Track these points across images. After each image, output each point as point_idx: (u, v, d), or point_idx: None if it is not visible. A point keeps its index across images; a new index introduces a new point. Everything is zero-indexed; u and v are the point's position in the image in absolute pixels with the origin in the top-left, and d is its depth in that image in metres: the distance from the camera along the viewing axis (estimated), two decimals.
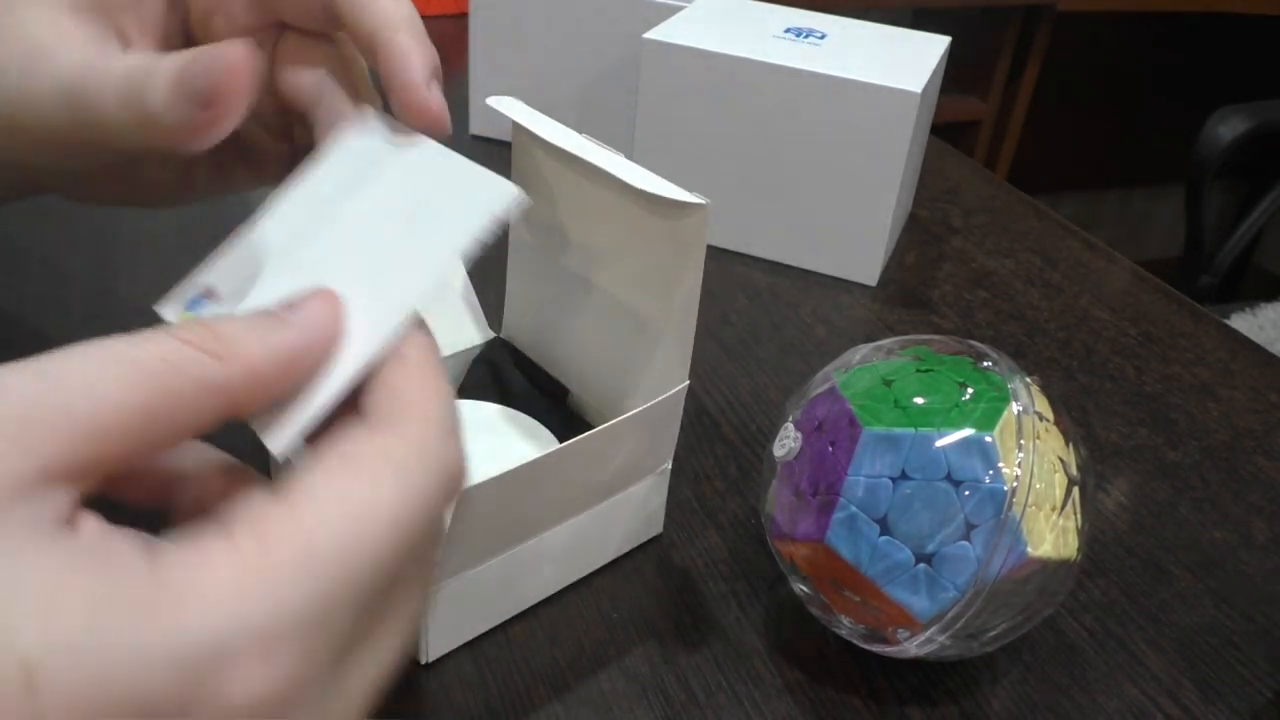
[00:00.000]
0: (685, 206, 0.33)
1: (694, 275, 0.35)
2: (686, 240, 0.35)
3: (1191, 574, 0.41)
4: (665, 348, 0.37)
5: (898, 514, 0.31)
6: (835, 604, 0.33)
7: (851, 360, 0.36)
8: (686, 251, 0.35)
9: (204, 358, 0.20)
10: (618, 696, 0.34)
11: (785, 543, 0.34)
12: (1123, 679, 0.37)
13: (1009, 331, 0.57)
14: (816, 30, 0.61)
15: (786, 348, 0.54)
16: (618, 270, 0.39)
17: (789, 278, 0.60)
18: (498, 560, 0.35)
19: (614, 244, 0.38)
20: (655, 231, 0.36)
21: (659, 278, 0.37)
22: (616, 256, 0.39)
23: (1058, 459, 0.32)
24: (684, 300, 0.36)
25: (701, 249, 0.35)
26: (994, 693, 0.36)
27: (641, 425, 0.36)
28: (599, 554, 0.39)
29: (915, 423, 0.32)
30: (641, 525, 0.40)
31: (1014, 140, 1.83)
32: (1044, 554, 0.31)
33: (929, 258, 0.63)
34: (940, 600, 0.31)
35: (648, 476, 0.39)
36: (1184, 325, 0.59)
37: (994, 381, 0.33)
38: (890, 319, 0.57)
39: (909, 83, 0.54)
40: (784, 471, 0.34)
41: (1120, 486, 0.46)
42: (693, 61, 0.57)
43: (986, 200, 0.71)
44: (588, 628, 0.37)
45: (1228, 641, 0.39)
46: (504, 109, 0.37)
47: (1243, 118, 1.15)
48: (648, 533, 0.41)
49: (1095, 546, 0.42)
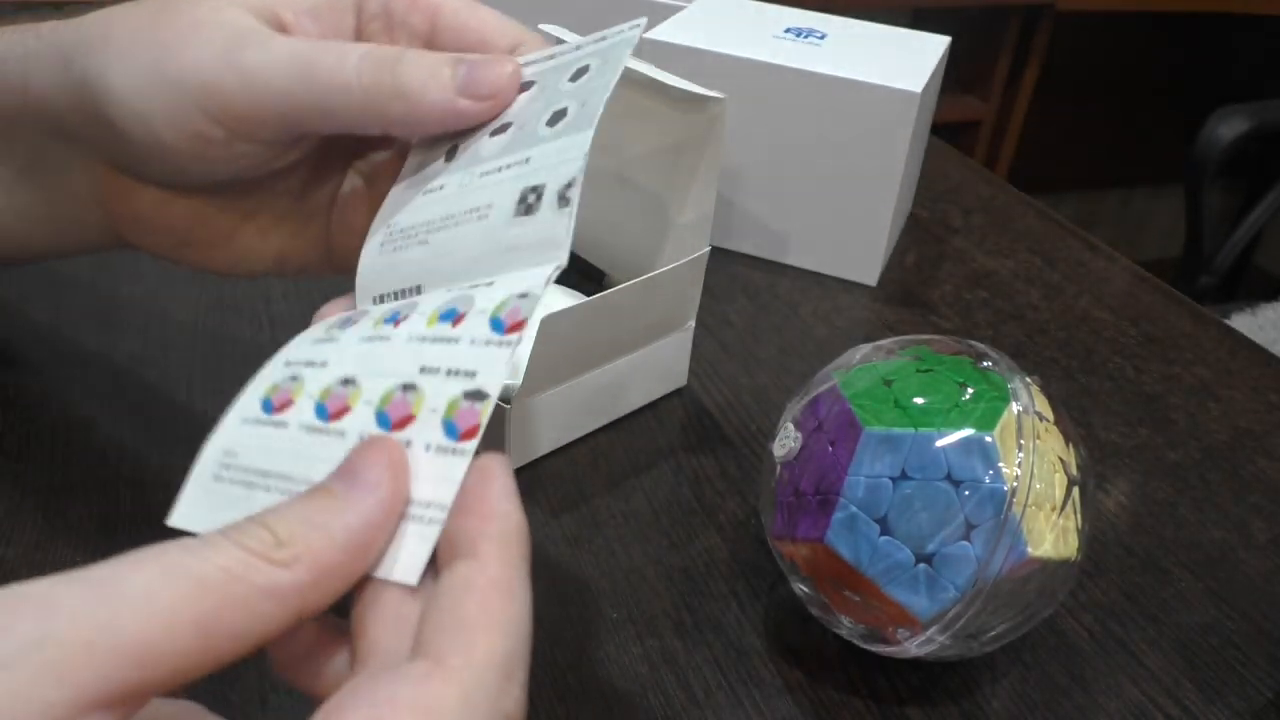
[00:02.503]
0: (706, 99, 0.40)
1: (713, 160, 0.42)
2: (707, 129, 0.41)
3: (1191, 574, 0.41)
4: (687, 223, 0.45)
5: (898, 514, 0.31)
6: (835, 604, 0.33)
7: (851, 360, 0.36)
8: (707, 140, 0.42)
9: (268, 565, 0.19)
10: (618, 696, 0.34)
11: (785, 543, 0.34)
12: (1123, 679, 0.37)
13: (1009, 331, 0.57)
14: (816, 30, 0.61)
15: (786, 348, 0.54)
16: (647, 162, 0.45)
17: (789, 278, 0.60)
18: (564, 387, 0.43)
19: (643, 139, 0.45)
20: (680, 124, 0.42)
21: (682, 165, 0.43)
22: (646, 150, 0.45)
23: (1058, 459, 0.32)
24: (704, 182, 0.43)
25: (720, 138, 0.41)
26: (994, 693, 0.36)
27: (670, 281, 0.43)
28: (640, 394, 0.47)
29: (915, 423, 0.32)
30: (670, 375, 0.49)
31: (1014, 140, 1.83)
32: (1044, 554, 0.31)
33: (929, 258, 0.63)
34: (940, 600, 0.31)
35: (675, 331, 0.47)
36: (1184, 325, 0.59)
37: (994, 381, 0.33)
38: (890, 319, 0.57)
39: (909, 83, 0.54)
40: (784, 471, 0.34)
41: (1120, 486, 0.46)
42: (693, 61, 0.57)
43: (986, 200, 0.71)
44: (588, 627, 0.37)
45: (1228, 641, 0.39)
46: (550, 30, 0.43)
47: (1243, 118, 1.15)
48: (675, 383, 0.49)
49: (1095, 546, 0.42)
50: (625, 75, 0.42)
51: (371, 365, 0.26)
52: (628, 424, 0.47)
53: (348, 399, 0.25)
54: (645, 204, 0.46)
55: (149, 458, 0.43)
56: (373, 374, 0.25)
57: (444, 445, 0.24)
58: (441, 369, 0.25)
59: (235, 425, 0.26)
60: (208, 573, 0.19)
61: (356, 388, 0.25)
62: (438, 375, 0.25)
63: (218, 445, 0.26)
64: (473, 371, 0.25)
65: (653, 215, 0.46)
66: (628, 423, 0.47)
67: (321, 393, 0.26)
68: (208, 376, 0.47)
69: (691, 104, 0.41)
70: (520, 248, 0.27)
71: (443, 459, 0.23)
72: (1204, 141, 1.15)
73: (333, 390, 0.26)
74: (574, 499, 0.42)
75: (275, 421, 0.26)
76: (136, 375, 0.47)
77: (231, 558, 0.19)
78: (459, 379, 0.25)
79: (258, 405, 0.26)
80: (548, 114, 0.28)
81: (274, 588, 0.19)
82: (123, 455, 0.43)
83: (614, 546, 0.40)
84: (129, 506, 0.40)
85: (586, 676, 0.35)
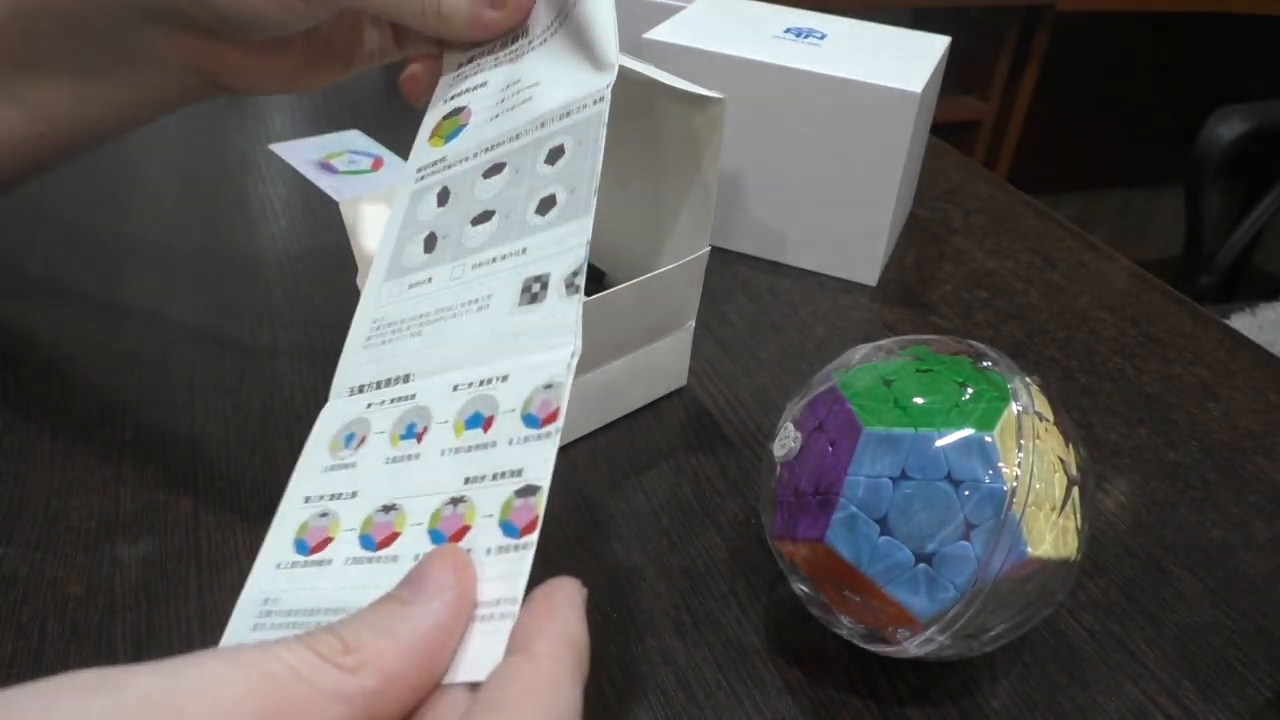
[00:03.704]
0: (706, 99, 0.40)
1: (713, 159, 0.42)
2: (707, 129, 0.41)
3: (1191, 574, 0.41)
4: (687, 223, 0.45)
5: (898, 514, 0.31)
6: (835, 604, 0.33)
7: (851, 360, 0.36)
8: (707, 139, 0.42)
9: (336, 670, 0.19)
10: (618, 696, 0.34)
11: (785, 543, 0.34)
12: (1122, 679, 0.37)
13: (1009, 331, 0.57)
14: (816, 30, 0.61)
15: (786, 348, 0.54)
16: (647, 162, 0.45)
17: (789, 278, 0.60)
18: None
19: (643, 139, 0.45)
20: (681, 123, 0.42)
21: (682, 166, 0.44)
22: (645, 151, 0.45)
23: (1058, 459, 0.32)
24: (704, 182, 0.43)
25: (719, 137, 0.41)
26: (994, 693, 0.36)
27: (670, 281, 0.43)
28: (640, 394, 0.48)
29: (915, 423, 0.32)
30: (670, 376, 0.49)
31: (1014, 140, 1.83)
32: (1044, 554, 0.31)
33: (929, 258, 0.63)
34: (940, 600, 0.31)
35: (675, 331, 0.47)
36: (1184, 325, 0.59)
37: (994, 381, 0.33)
38: (890, 319, 0.57)
39: (909, 83, 0.54)
40: (784, 471, 0.34)
41: (1120, 486, 0.46)
42: (693, 61, 0.57)
43: (986, 200, 0.71)
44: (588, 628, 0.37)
45: (1228, 641, 0.39)
46: None
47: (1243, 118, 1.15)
48: (675, 383, 0.49)
49: (1095, 546, 0.42)
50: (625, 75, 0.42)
51: (407, 487, 0.26)
52: (628, 424, 0.47)
53: (394, 525, 0.25)
54: (645, 204, 0.46)
55: (149, 458, 0.43)
56: (412, 495, 0.25)
57: (505, 544, 0.24)
58: (486, 476, 0.25)
59: (269, 572, 0.25)
60: (275, 670, 0.19)
61: (400, 513, 0.25)
62: (483, 483, 0.25)
63: (253, 596, 0.25)
64: (519, 470, 0.25)
65: (653, 215, 0.46)
66: (628, 423, 0.47)
67: (363, 524, 0.25)
68: (208, 376, 0.47)
69: (691, 104, 0.41)
70: (526, 334, 0.27)
71: (505, 557, 0.23)
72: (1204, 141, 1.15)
73: (374, 519, 0.25)
74: (574, 499, 0.42)
75: (316, 561, 0.25)
76: (136, 375, 0.47)
77: (300, 659, 0.19)
78: (506, 480, 0.25)
79: (290, 549, 0.26)
80: (534, 201, 0.29)
81: (340, 692, 0.19)
82: (123, 455, 0.43)
83: (614, 546, 0.40)
84: (129, 506, 0.40)
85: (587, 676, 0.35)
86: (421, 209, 0.32)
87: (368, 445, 0.27)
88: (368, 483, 0.26)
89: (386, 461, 0.27)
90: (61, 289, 0.52)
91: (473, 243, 0.30)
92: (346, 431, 0.28)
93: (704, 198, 0.44)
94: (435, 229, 0.31)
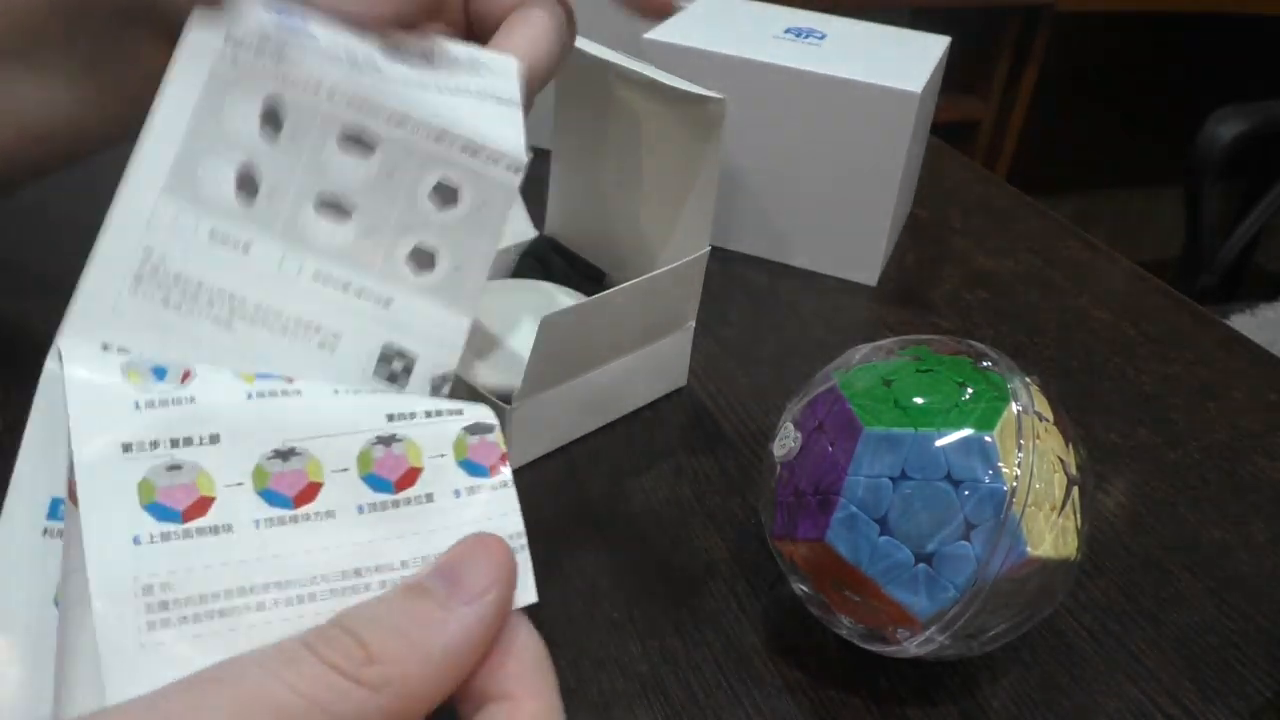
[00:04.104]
0: (706, 100, 0.40)
1: (712, 159, 0.42)
2: (707, 129, 0.41)
3: (1191, 574, 0.41)
4: (687, 223, 0.45)
5: (898, 514, 0.31)
6: (835, 604, 0.33)
7: (851, 360, 0.36)
8: (707, 139, 0.42)
9: (355, 690, 0.17)
10: (618, 696, 0.34)
11: (785, 543, 0.34)
12: (1122, 679, 0.37)
13: (1009, 331, 0.57)
14: (816, 30, 0.61)
15: (786, 348, 0.54)
16: (647, 163, 0.46)
17: (789, 278, 0.60)
18: (564, 387, 0.43)
19: (644, 140, 0.45)
20: (680, 123, 0.42)
21: (682, 165, 0.44)
22: (646, 151, 0.45)
23: (1057, 459, 0.32)
24: (704, 182, 0.43)
25: (719, 137, 0.41)
26: (994, 693, 0.36)
27: (670, 281, 0.43)
28: (640, 394, 0.47)
29: (915, 423, 0.32)
30: (670, 376, 0.48)
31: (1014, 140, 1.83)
32: (1044, 554, 0.31)
33: (929, 258, 0.63)
34: (940, 600, 0.31)
35: (675, 331, 0.47)
36: (1184, 325, 0.59)
37: (994, 381, 0.33)
38: (890, 319, 0.57)
39: (909, 83, 0.54)
40: (784, 471, 0.34)
41: (1120, 486, 0.46)
42: (693, 61, 0.57)
43: (986, 200, 0.71)
44: (588, 628, 0.37)
45: (1228, 641, 0.39)
46: None
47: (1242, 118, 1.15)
48: (675, 383, 0.49)
49: (1095, 546, 0.42)
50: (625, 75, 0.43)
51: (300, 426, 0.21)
52: (628, 424, 0.47)
53: (306, 474, 0.21)
54: (645, 204, 0.46)
55: None
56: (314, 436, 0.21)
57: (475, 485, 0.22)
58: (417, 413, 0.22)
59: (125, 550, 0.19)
60: (289, 704, 0.17)
61: (307, 458, 0.21)
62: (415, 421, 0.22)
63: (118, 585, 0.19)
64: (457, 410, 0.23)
65: (653, 215, 0.46)
66: (628, 423, 0.47)
67: (255, 477, 0.21)
68: None
69: (691, 104, 0.41)
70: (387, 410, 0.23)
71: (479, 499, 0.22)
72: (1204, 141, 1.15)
73: (270, 470, 0.21)
74: (574, 499, 0.42)
75: (203, 529, 0.20)
76: None
77: (316, 682, 0.17)
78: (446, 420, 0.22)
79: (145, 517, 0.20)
80: (408, 243, 0.24)
81: (363, 715, 0.17)
82: None
83: (614, 546, 0.40)
84: None
85: (586, 676, 0.35)
86: (234, 110, 0.22)
87: (200, 379, 0.21)
88: (229, 424, 0.21)
89: (250, 398, 0.21)
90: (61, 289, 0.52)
91: (316, 239, 0.23)
92: (149, 365, 0.21)
93: (704, 198, 0.44)
94: (258, 164, 0.23)
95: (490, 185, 0.24)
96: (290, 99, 0.22)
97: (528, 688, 0.20)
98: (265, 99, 0.22)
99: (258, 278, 0.23)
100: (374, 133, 0.23)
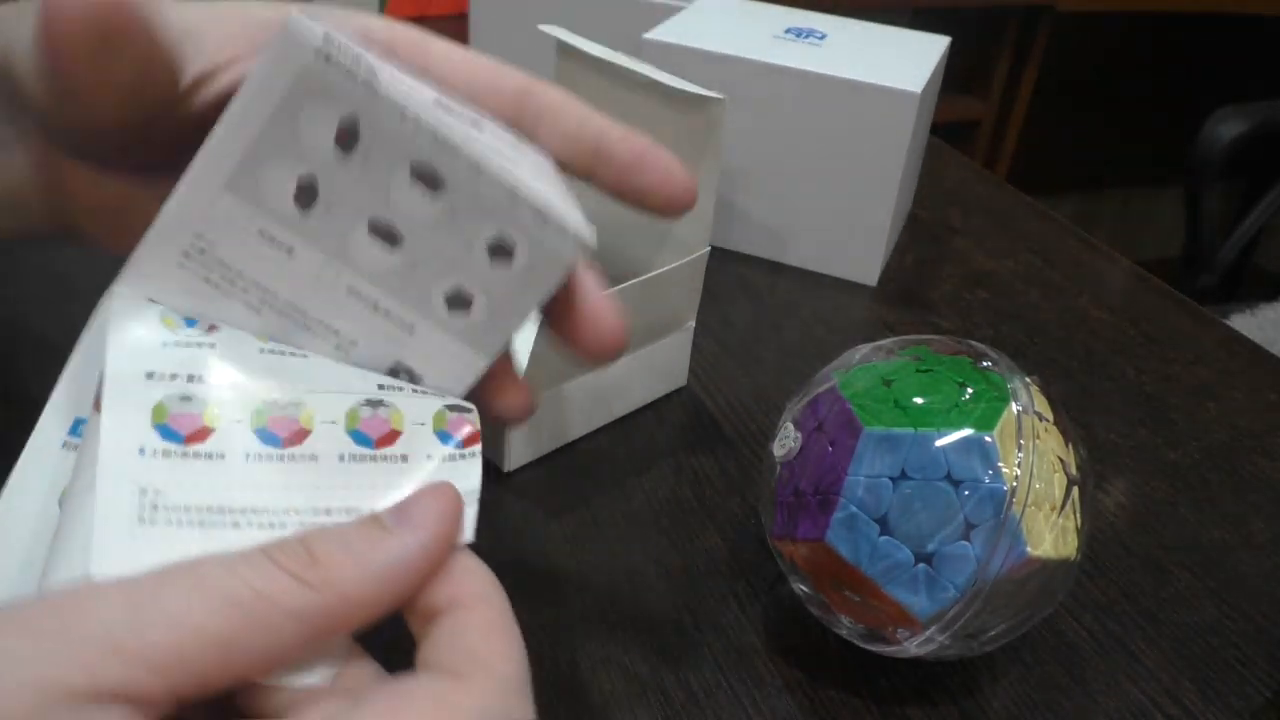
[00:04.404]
0: (706, 100, 0.41)
1: (713, 159, 0.42)
2: (707, 130, 0.42)
3: (1191, 574, 0.41)
4: (687, 223, 0.45)
5: (898, 514, 0.31)
6: (835, 604, 0.33)
7: (851, 360, 0.36)
8: (707, 139, 0.42)
9: (298, 587, 0.20)
10: (618, 696, 0.34)
11: (785, 543, 0.34)
12: (1122, 679, 0.37)
13: (1009, 331, 0.57)
14: (816, 30, 0.61)
15: (786, 348, 0.54)
16: None
17: (789, 278, 0.60)
18: (564, 387, 0.43)
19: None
20: (681, 124, 0.42)
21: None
22: None
23: (1057, 459, 0.32)
24: (704, 182, 0.43)
25: (719, 138, 0.42)
26: (994, 693, 0.36)
27: (670, 281, 0.44)
28: (640, 394, 0.48)
29: (915, 423, 0.32)
30: (670, 376, 0.49)
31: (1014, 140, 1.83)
32: (1043, 554, 0.31)
33: (929, 258, 0.63)
34: (940, 600, 0.31)
35: (675, 331, 0.47)
36: (1184, 325, 0.59)
37: (994, 381, 0.33)
38: (890, 319, 0.57)
39: (909, 83, 0.54)
40: (784, 471, 0.34)
41: (1120, 486, 0.46)
42: (693, 61, 0.57)
43: (986, 200, 0.71)
44: (588, 628, 0.37)
45: (1228, 641, 0.39)
46: (550, 31, 0.44)
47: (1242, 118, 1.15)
48: (675, 383, 0.49)
49: (1095, 546, 0.42)
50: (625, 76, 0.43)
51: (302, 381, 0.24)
52: (628, 424, 0.47)
53: (299, 421, 0.23)
54: None
55: None
56: (312, 390, 0.24)
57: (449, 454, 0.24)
58: (406, 388, 0.25)
59: (131, 458, 0.22)
60: (238, 592, 0.19)
61: (303, 408, 0.24)
62: (404, 393, 0.25)
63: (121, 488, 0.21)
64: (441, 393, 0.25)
65: None
66: (628, 423, 0.47)
67: (254, 416, 0.23)
68: None
69: (691, 104, 0.41)
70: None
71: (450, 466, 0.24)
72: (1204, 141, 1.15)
73: (267, 412, 0.23)
74: (574, 499, 0.42)
75: (199, 453, 0.22)
76: None
77: (264, 577, 0.20)
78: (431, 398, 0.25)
79: (152, 433, 0.22)
80: (448, 281, 0.25)
81: (300, 610, 0.20)
82: None
83: (614, 546, 0.40)
84: None
85: (587, 676, 0.35)
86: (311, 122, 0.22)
87: (224, 332, 0.24)
88: (242, 371, 0.24)
89: (263, 353, 0.24)
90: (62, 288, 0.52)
91: (361, 260, 0.24)
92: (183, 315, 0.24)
93: (704, 198, 0.44)
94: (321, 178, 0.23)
95: (549, 255, 0.25)
96: (369, 122, 0.23)
97: (479, 598, 0.22)
98: (344, 116, 0.23)
99: (294, 279, 0.24)
100: (446, 174, 0.23)
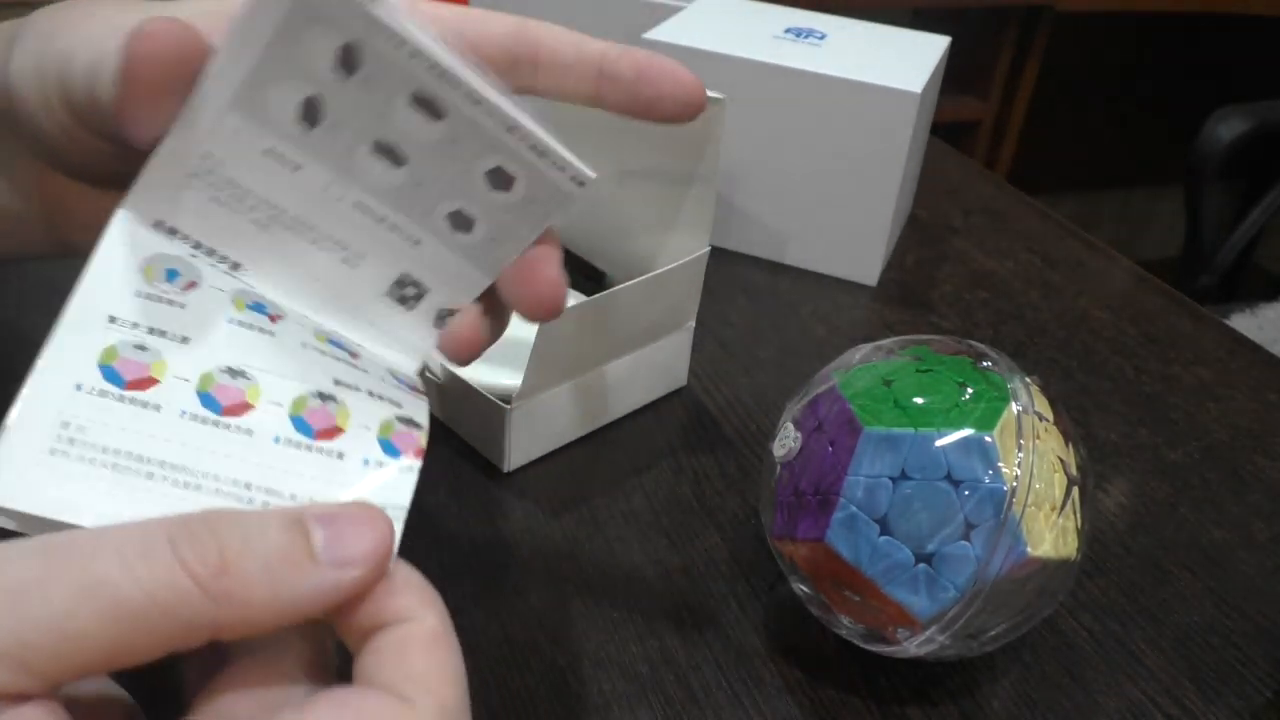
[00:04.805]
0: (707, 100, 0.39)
1: (711, 161, 0.42)
2: (705, 131, 0.41)
3: (1191, 574, 0.41)
4: (687, 223, 0.45)
5: (898, 514, 0.31)
6: (835, 604, 0.33)
7: (851, 360, 0.36)
8: (705, 141, 0.42)
9: (198, 596, 0.18)
10: (618, 696, 0.34)
11: (785, 543, 0.34)
12: (1122, 678, 0.37)
13: (1009, 331, 0.57)
14: (816, 30, 0.61)
15: (786, 348, 0.54)
16: (647, 162, 0.45)
17: (789, 278, 0.60)
18: (564, 387, 0.43)
19: (643, 140, 0.44)
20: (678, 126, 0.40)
21: (682, 166, 0.44)
22: (646, 151, 0.45)
23: (1057, 459, 0.32)
24: (704, 182, 0.43)
25: (718, 139, 0.41)
26: (994, 693, 0.36)
27: (670, 281, 0.44)
28: (640, 394, 0.48)
29: (915, 423, 0.32)
30: (670, 376, 0.49)
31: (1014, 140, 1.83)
32: (1044, 554, 0.31)
33: (929, 258, 0.63)
34: (940, 600, 0.31)
35: (675, 331, 0.47)
36: (1184, 325, 0.59)
37: (994, 381, 0.33)
38: (890, 319, 0.57)
39: (909, 83, 0.54)
40: (784, 471, 0.34)
41: (1120, 486, 0.46)
42: (693, 61, 0.57)
43: (986, 200, 0.71)
44: (588, 627, 0.37)
45: (1228, 641, 0.39)
46: None
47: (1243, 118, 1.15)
48: (675, 383, 0.49)
49: (1095, 546, 0.42)
50: None
51: (261, 360, 0.24)
52: (628, 424, 0.47)
53: (245, 395, 0.23)
54: (645, 204, 0.46)
55: None
56: (267, 370, 0.24)
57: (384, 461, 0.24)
58: (361, 389, 0.25)
59: (65, 390, 0.22)
60: (131, 599, 0.18)
61: (252, 384, 0.23)
62: (358, 394, 0.25)
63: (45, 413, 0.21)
64: (398, 402, 0.25)
65: (653, 215, 0.46)
66: (628, 423, 0.47)
67: (201, 379, 0.23)
68: None
69: None
70: (382, 328, 0.27)
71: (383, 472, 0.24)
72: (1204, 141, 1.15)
73: (216, 379, 0.23)
74: (574, 499, 0.42)
75: (136, 400, 0.22)
76: None
77: (163, 580, 0.18)
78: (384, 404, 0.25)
79: (94, 371, 0.22)
80: (452, 203, 0.25)
81: (193, 620, 0.18)
82: None
83: (614, 546, 0.40)
84: None
85: (586, 676, 0.35)
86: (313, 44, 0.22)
87: (200, 292, 0.24)
88: (204, 334, 0.23)
89: (230, 322, 0.24)
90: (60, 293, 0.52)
91: (367, 177, 0.24)
92: (166, 265, 0.24)
93: (704, 198, 0.44)
94: (325, 98, 0.23)
95: (548, 186, 0.26)
96: (372, 47, 0.23)
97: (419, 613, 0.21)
98: (346, 41, 0.22)
99: (302, 196, 0.24)
100: (447, 102, 0.24)
